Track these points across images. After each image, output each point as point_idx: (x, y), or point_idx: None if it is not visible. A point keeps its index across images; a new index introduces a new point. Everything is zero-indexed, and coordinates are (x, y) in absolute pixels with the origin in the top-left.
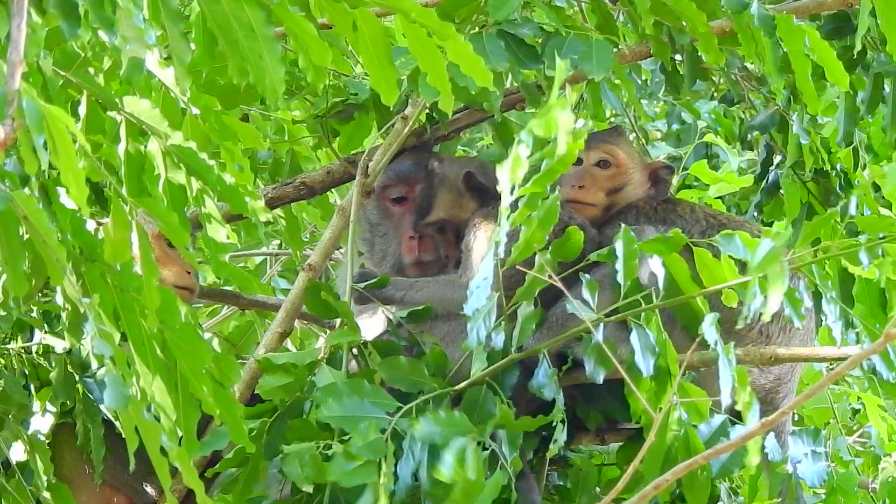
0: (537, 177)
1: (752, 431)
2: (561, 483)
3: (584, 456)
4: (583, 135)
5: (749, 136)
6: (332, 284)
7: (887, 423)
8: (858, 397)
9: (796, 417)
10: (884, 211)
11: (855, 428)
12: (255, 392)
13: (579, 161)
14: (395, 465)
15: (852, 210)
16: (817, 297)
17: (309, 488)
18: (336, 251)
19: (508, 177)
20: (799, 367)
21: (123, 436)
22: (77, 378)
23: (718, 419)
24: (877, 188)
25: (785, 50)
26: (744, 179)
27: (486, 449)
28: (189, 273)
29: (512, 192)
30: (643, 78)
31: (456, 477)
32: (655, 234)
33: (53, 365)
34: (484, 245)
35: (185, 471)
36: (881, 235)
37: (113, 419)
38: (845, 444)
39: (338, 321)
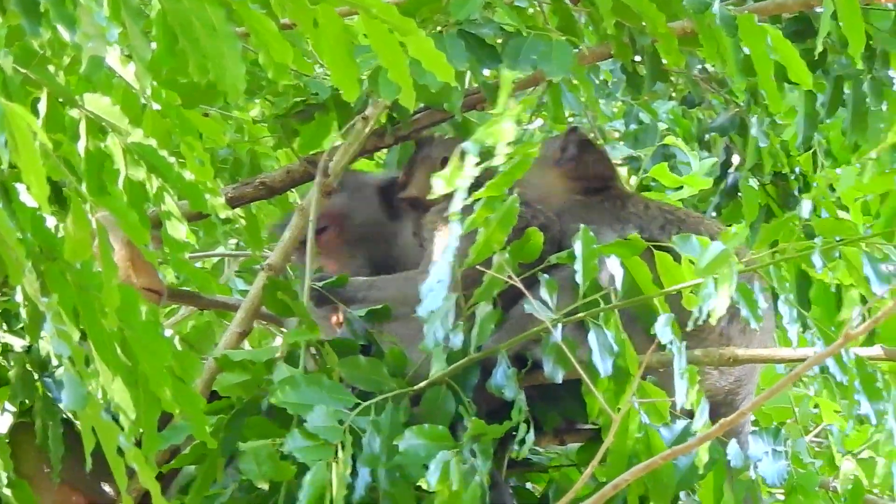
0: (494, 181)
1: (711, 431)
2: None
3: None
4: (535, 143)
5: (707, 136)
6: (291, 284)
7: (842, 427)
8: (816, 404)
9: (752, 418)
10: (841, 214)
11: (812, 427)
12: (214, 390)
13: None
14: (354, 461)
15: (806, 213)
16: (775, 298)
17: (265, 486)
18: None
19: (445, 184)
20: (758, 369)
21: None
22: (36, 377)
23: (680, 424)
24: (834, 190)
25: (747, 51)
26: (704, 182)
27: (465, 463)
28: (161, 281)
29: (465, 197)
30: (602, 78)
31: (440, 489)
32: (614, 235)
33: (12, 364)
34: (442, 244)
35: (142, 471)
36: (837, 238)
37: (72, 418)
38: (804, 445)
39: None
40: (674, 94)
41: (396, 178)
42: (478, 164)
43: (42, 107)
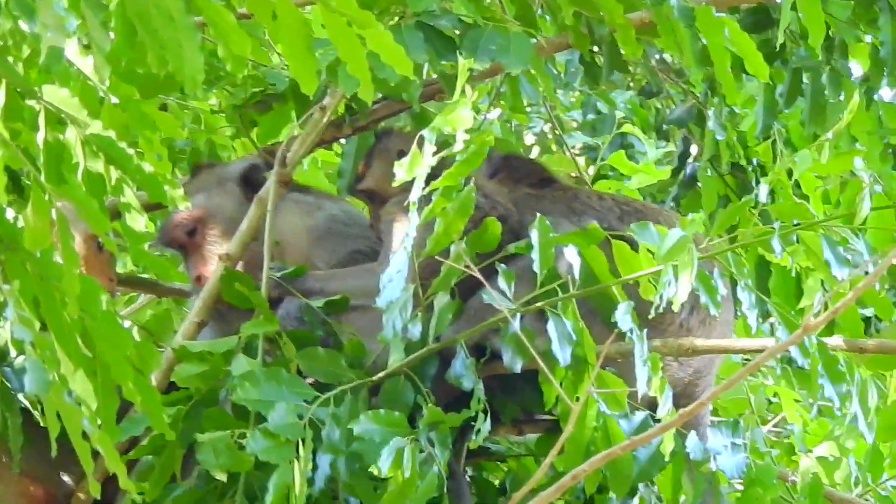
0: (450, 170)
1: (670, 422)
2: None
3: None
4: (490, 132)
5: (665, 126)
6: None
7: (802, 418)
8: (775, 393)
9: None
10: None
11: (770, 417)
12: (173, 380)
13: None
14: (314, 453)
15: (763, 197)
16: (733, 285)
17: (223, 477)
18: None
19: (406, 173)
20: (717, 361)
21: (42, 425)
22: None
23: (640, 416)
24: (792, 176)
25: (704, 42)
26: (661, 171)
27: (423, 451)
28: (112, 280)
29: (423, 187)
30: (558, 70)
31: (392, 476)
32: (570, 226)
33: None
34: (401, 235)
35: (108, 454)
36: (795, 223)
37: (31, 408)
38: (762, 436)
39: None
40: (632, 85)
41: (256, 164)
42: (436, 152)
43: (1, 97)
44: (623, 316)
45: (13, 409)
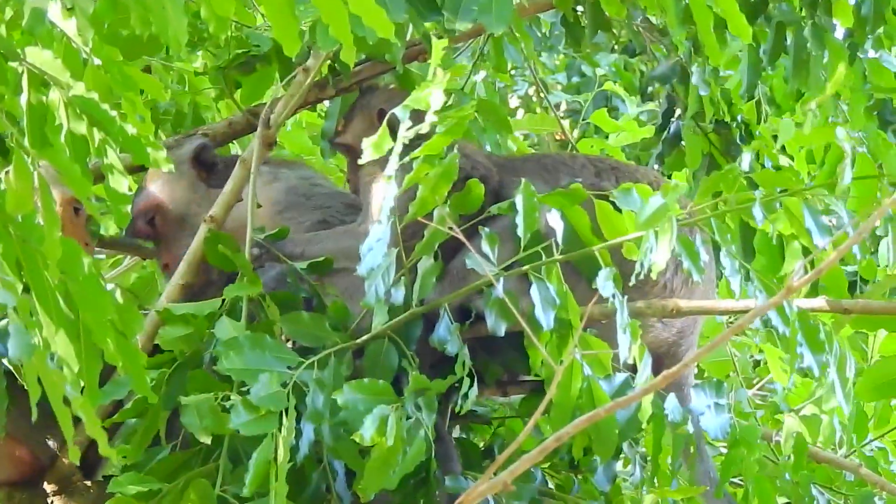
0: (431, 141)
1: (653, 384)
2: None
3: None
4: (470, 109)
5: (650, 88)
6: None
7: (787, 374)
8: (760, 349)
9: (695, 371)
10: (785, 161)
11: (756, 381)
12: (157, 343)
13: None
14: (297, 419)
15: (746, 165)
16: (717, 250)
17: (207, 439)
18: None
19: (373, 150)
20: (700, 321)
21: (25, 388)
22: None
23: (620, 377)
24: (777, 139)
25: (687, 1)
26: (644, 130)
27: (410, 418)
28: (87, 245)
29: (395, 161)
30: (543, 30)
31: (375, 444)
32: (546, 187)
33: None
34: (380, 196)
35: (89, 420)
36: (779, 190)
37: (14, 371)
38: (746, 397)
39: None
40: (616, 47)
41: (205, 144)
42: (409, 128)
43: None
44: (605, 282)
45: None
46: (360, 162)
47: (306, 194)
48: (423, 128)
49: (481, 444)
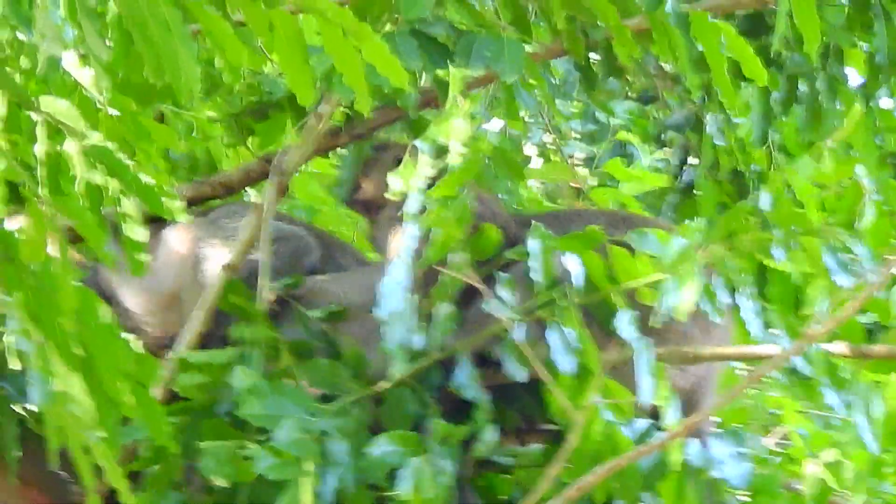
0: (445, 179)
1: (674, 433)
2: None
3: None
4: (485, 140)
5: (664, 135)
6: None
7: (804, 425)
8: (778, 403)
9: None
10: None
11: (773, 429)
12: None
13: None
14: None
15: (765, 205)
16: (732, 292)
17: (225, 483)
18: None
19: (401, 184)
20: (718, 370)
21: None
22: None
23: (643, 423)
24: (789, 187)
25: (700, 48)
26: (658, 178)
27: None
28: None
29: (416, 198)
30: (556, 79)
31: (414, 498)
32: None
33: None
34: (398, 245)
35: (110, 469)
36: (794, 229)
37: (28, 417)
38: (760, 445)
39: None
40: (630, 94)
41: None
42: (432, 163)
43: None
44: (626, 326)
45: (9, 418)
46: (387, 195)
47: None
48: (451, 157)
49: (503, 496)
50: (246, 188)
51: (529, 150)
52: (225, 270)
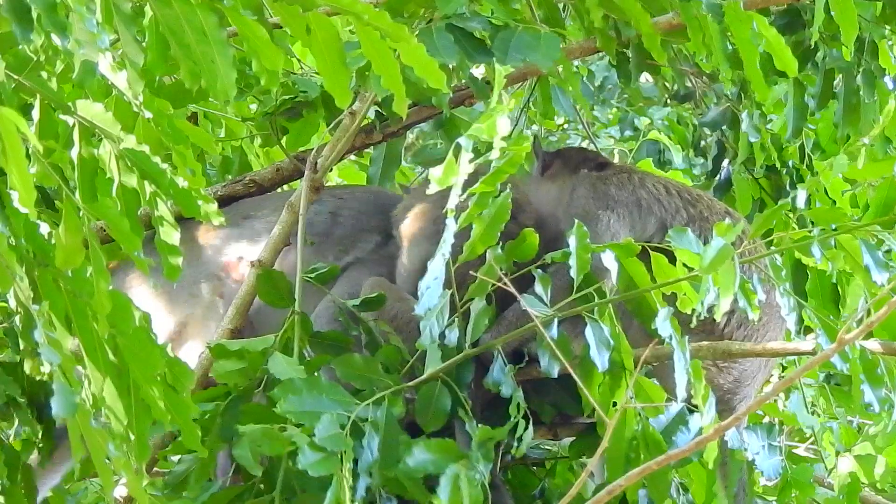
0: (487, 177)
1: (705, 437)
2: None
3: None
4: (527, 139)
5: (702, 142)
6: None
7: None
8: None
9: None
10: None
11: (808, 434)
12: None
13: None
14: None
15: (802, 203)
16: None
17: (258, 472)
18: None
19: (441, 180)
20: (761, 375)
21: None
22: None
23: (675, 408)
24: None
25: (733, 44)
26: (686, 180)
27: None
28: None
29: (458, 194)
30: (596, 84)
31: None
32: (629, 232)
33: None
34: (417, 230)
35: (130, 480)
36: (833, 227)
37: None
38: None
39: None
40: (668, 101)
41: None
42: (472, 160)
43: (35, 113)
44: (663, 322)
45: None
46: (428, 192)
47: None
48: (493, 154)
49: (530, 490)
50: (279, 186)
51: None
52: (255, 267)
